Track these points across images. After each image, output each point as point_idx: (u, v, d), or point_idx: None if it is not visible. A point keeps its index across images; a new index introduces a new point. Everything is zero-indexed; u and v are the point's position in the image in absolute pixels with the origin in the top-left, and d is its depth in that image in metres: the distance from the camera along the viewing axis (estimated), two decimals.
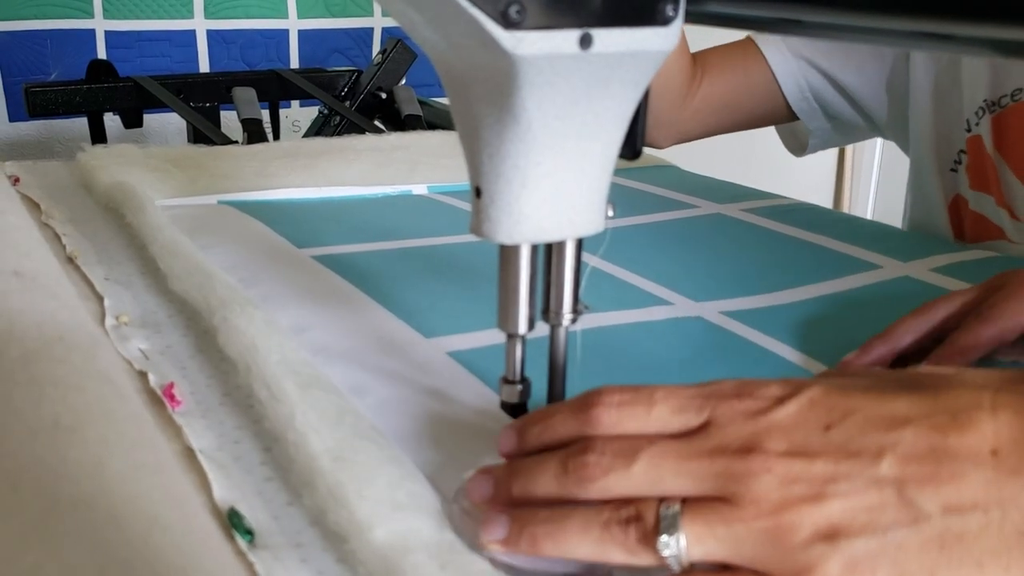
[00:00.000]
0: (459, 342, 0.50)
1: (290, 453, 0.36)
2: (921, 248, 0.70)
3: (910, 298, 0.60)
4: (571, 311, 0.37)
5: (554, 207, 0.34)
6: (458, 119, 0.35)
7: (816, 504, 0.28)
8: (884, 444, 0.29)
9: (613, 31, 0.31)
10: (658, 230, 0.74)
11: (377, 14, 1.51)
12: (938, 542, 0.27)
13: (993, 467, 0.28)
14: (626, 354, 0.50)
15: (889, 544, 0.27)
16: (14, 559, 0.24)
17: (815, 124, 0.89)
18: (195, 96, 1.09)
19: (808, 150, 0.93)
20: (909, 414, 0.29)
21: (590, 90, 0.33)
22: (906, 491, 0.28)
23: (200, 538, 0.28)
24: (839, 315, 0.57)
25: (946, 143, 0.80)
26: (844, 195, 2.28)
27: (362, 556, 0.31)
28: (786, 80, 0.86)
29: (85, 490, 0.28)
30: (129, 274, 0.58)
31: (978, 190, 0.77)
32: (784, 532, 0.28)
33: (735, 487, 0.29)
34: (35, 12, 1.28)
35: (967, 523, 0.27)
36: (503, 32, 0.30)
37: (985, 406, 0.29)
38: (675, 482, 0.30)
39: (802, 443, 0.29)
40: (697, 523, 0.29)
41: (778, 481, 0.28)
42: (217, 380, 0.44)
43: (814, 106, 0.88)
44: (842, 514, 0.28)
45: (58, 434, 0.31)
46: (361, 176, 0.83)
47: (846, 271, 0.65)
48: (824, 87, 0.86)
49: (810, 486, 0.28)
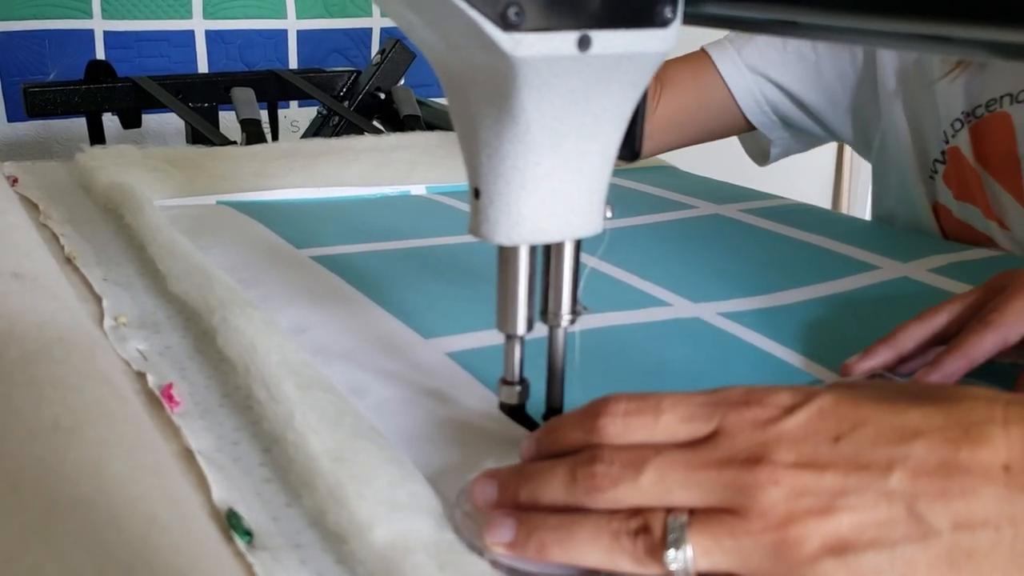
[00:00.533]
0: (458, 343, 0.50)
1: (289, 454, 0.36)
2: (920, 248, 0.70)
3: (909, 299, 0.60)
4: (570, 312, 0.38)
5: (553, 208, 0.34)
6: (457, 120, 0.35)
7: (824, 517, 0.28)
8: (895, 457, 0.28)
9: (611, 33, 0.31)
10: (656, 231, 0.74)
11: (376, 14, 1.51)
12: (947, 559, 0.27)
13: (1005, 483, 0.28)
14: (624, 356, 0.50)
15: (898, 559, 0.27)
16: (14, 560, 0.24)
17: (775, 135, 0.89)
18: (194, 96, 1.09)
19: (771, 159, 0.93)
20: (920, 426, 0.29)
21: (589, 91, 0.33)
22: (916, 506, 0.27)
23: (199, 539, 0.28)
24: (838, 316, 0.57)
25: (922, 155, 0.80)
26: (842, 196, 2.28)
27: (361, 556, 0.31)
28: (743, 97, 0.86)
29: (84, 491, 0.28)
30: (128, 275, 0.58)
31: (963, 201, 0.77)
32: (791, 546, 0.28)
33: (742, 499, 0.29)
34: (34, 12, 1.28)
35: (977, 540, 0.27)
36: (502, 34, 0.30)
37: (997, 420, 0.29)
38: (683, 493, 0.30)
39: (811, 454, 0.29)
40: (704, 535, 0.29)
41: (786, 493, 0.28)
42: (216, 381, 0.44)
43: (773, 119, 0.87)
44: (850, 528, 0.28)
45: (57, 435, 0.31)
46: (360, 176, 0.83)
47: (845, 272, 0.65)
48: (782, 101, 0.86)
49: (818, 499, 0.28)
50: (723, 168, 1.07)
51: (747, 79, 0.85)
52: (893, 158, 0.82)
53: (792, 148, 0.92)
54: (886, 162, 0.84)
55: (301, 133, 1.30)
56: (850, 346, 0.52)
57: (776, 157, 0.92)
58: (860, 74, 0.83)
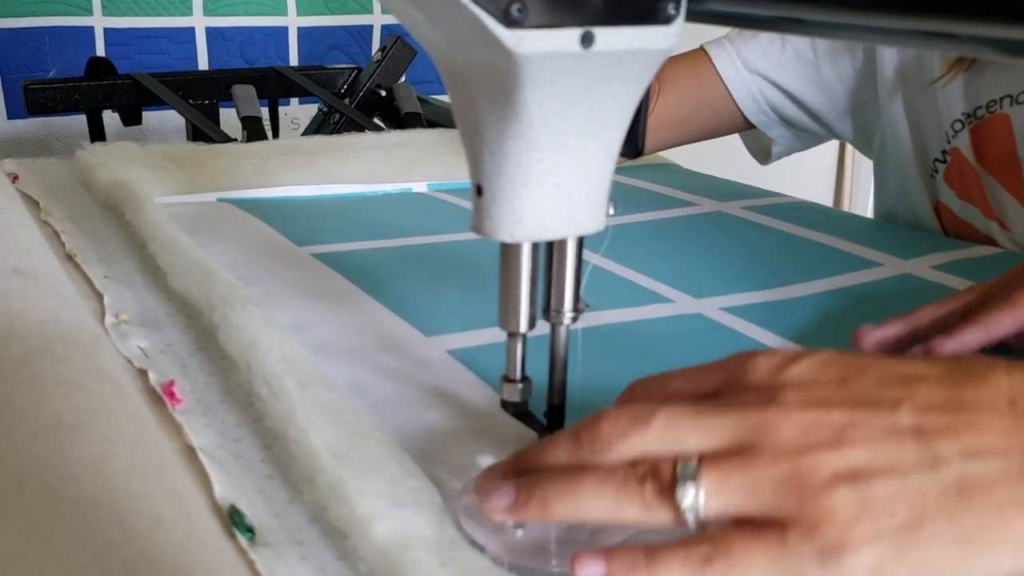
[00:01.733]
0: (459, 340, 0.50)
1: (291, 450, 0.36)
2: (922, 246, 0.70)
3: (911, 295, 0.60)
4: (572, 310, 0.37)
5: (555, 205, 0.34)
6: (459, 117, 0.35)
7: (835, 449, 0.28)
8: (900, 396, 0.29)
9: (614, 29, 0.31)
10: (659, 228, 0.74)
11: (377, 11, 1.51)
12: (957, 487, 0.27)
13: (1012, 415, 0.28)
14: (627, 352, 0.50)
15: (909, 487, 0.27)
16: (16, 558, 0.24)
17: (775, 133, 0.89)
18: (194, 94, 1.09)
19: (773, 157, 0.93)
20: (924, 372, 0.30)
21: (591, 88, 0.33)
22: (924, 437, 0.28)
23: (202, 536, 0.28)
24: (840, 312, 0.57)
25: (922, 154, 0.80)
26: (845, 193, 2.28)
27: (363, 553, 0.31)
28: (742, 96, 0.85)
29: (87, 489, 0.28)
30: (129, 272, 0.58)
31: (964, 200, 0.77)
32: (803, 475, 0.28)
33: (753, 436, 0.29)
34: (34, 9, 1.28)
35: (987, 468, 0.27)
36: (505, 30, 0.30)
37: (1000, 368, 0.29)
38: (693, 438, 0.29)
39: (818, 395, 0.29)
40: (714, 474, 0.28)
41: (797, 429, 0.28)
42: (217, 378, 0.44)
43: (772, 117, 0.87)
44: (862, 458, 0.28)
45: (60, 433, 0.31)
46: (361, 174, 0.83)
47: (847, 268, 0.65)
48: (782, 101, 0.86)
49: (829, 433, 0.28)
50: (726, 166, 1.07)
51: (745, 79, 0.85)
52: (893, 156, 0.82)
53: (794, 146, 0.92)
54: (886, 160, 0.84)
55: (302, 130, 1.30)
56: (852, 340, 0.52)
57: (778, 155, 0.92)
58: (860, 73, 0.83)
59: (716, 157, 1.20)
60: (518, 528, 0.33)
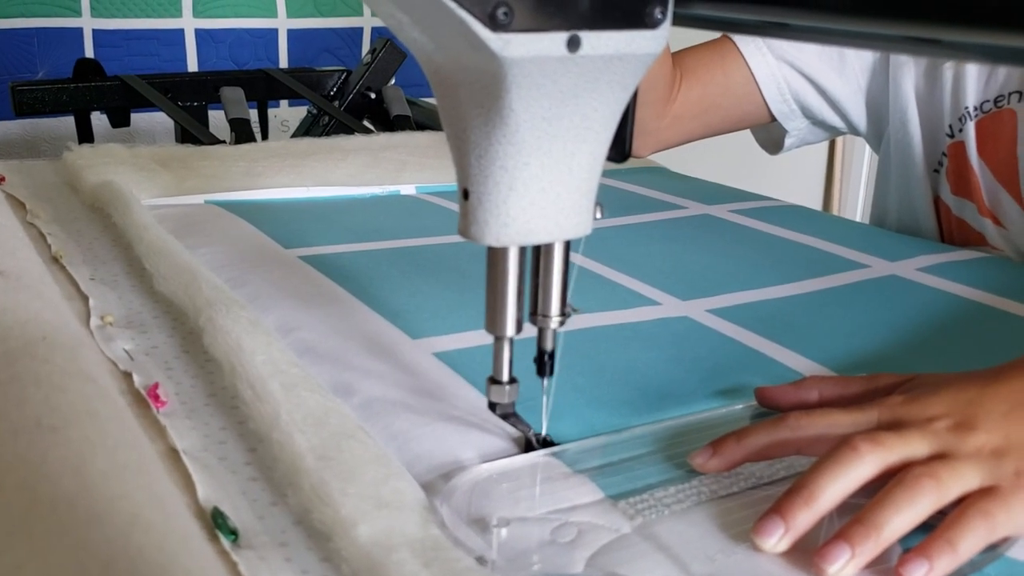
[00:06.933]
0: (446, 343, 0.50)
1: (275, 453, 0.36)
2: (908, 248, 0.71)
3: (897, 296, 0.60)
4: (559, 314, 0.37)
5: (542, 209, 0.34)
6: (446, 120, 0.35)
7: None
8: None
9: (601, 34, 0.31)
10: (646, 231, 0.74)
11: (367, 14, 1.51)
12: None
13: None
14: (614, 355, 0.50)
15: None
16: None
17: (792, 125, 0.89)
18: (183, 95, 1.09)
19: (784, 149, 0.93)
20: None
21: (578, 92, 0.33)
22: None
23: (181, 537, 0.28)
24: (827, 312, 0.57)
25: (931, 146, 0.80)
26: (833, 197, 2.29)
27: (346, 554, 0.31)
28: (767, 83, 0.86)
29: (66, 489, 0.28)
30: (115, 274, 0.58)
31: (959, 196, 0.78)
32: None
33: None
34: (22, 10, 1.28)
35: None
36: (491, 34, 0.30)
37: None
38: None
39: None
40: None
41: None
42: (202, 381, 0.44)
43: (793, 107, 0.87)
44: None
45: (40, 433, 0.31)
46: (349, 176, 0.83)
47: (834, 270, 0.65)
48: (806, 90, 0.86)
49: None
50: (713, 169, 1.07)
51: (771, 64, 0.85)
52: (902, 148, 0.82)
53: (807, 139, 0.91)
54: (894, 153, 0.84)
55: (291, 132, 1.30)
56: (837, 339, 0.52)
57: (789, 147, 0.92)
58: (877, 62, 0.83)
59: (703, 160, 1.20)
60: (502, 528, 0.33)
